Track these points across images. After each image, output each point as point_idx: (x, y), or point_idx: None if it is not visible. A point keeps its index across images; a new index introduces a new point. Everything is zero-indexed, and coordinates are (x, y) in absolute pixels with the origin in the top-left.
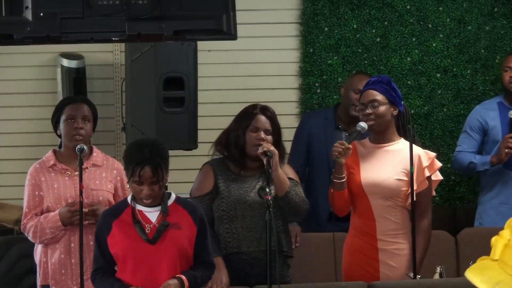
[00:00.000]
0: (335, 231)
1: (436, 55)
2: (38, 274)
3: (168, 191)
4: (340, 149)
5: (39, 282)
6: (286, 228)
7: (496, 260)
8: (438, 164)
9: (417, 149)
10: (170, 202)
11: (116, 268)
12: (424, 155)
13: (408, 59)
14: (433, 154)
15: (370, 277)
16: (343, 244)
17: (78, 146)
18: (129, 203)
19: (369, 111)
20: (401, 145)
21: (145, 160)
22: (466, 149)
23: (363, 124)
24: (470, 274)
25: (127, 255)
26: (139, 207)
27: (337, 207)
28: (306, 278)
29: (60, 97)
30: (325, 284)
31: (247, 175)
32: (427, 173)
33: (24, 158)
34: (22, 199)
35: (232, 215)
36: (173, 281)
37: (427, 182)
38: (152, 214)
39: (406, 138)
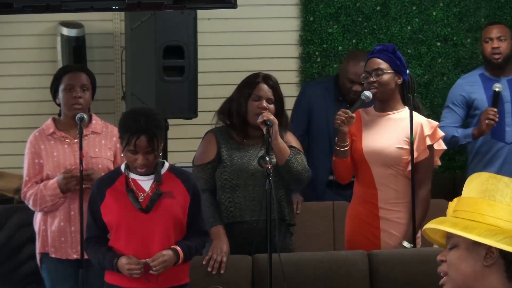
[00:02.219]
0: (336, 199)
1: (436, 24)
2: (37, 241)
3: (161, 159)
4: (343, 118)
5: (38, 249)
6: (288, 197)
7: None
8: (441, 133)
9: (419, 118)
10: (163, 170)
11: (109, 237)
12: (427, 124)
13: (409, 27)
14: (436, 123)
15: (371, 245)
16: (343, 212)
17: (78, 115)
18: (123, 171)
19: (373, 79)
20: (405, 113)
21: (141, 129)
22: (449, 123)
23: (367, 93)
24: (432, 224)
25: (120, 224)
26: (132, 175)
27: (339, 175)
28: (305, 247)
29: (60, 66)
30: (324, 253)
31: (250, 144)
32: (428, 142)
33: (24, 127)
34: (22, 168)
35: (234, 184)
36: (168, 252)
37: (428, 151)
38: (146, 183)
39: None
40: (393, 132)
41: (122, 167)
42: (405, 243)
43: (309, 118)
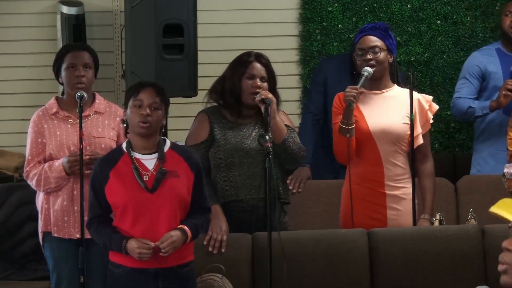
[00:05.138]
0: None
1: (436, 1)
2: (39, 220)
3: (163, 137)
4: (355, 93)
5: (40, 228)
6: (283, 175)
7: None
8: (436, 106)
9: (415, 94)
10: (166, 148)
11: (112, 217)
12: (423, 98)
13: (409, 5)
14: (430, 97)
15: (378, 224)
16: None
17: (78, 93)
18: (125, 150)
19: (369, 56)
20: (397, 91)
21: (147, 83)
22: (464, 95)
23: (369, 69)
24: (496, 208)
25: (127, 205)
26: (135, 154)
27: (343, 154)
28: (303, 225)
29: (59, 44)
30: (324, 231)
31: (243, 123)
32: (430, 115)
33: (24, 105)
34: (22, 146)
35: (229, 163)
36: (176, 233)
37: (429, 124)
38: (149, 162)
39: (398, 85)
40: (394, 109)
41: (124, 146)
42: (430, 219)
43: (325, 93)
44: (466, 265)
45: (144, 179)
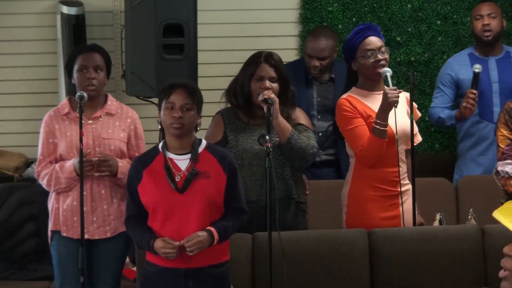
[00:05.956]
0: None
1: (436, 2)
2: (50, 219)
3: (199, 138)
4: (397, 94)
5: (50, 227)
6: (295, 174)
7: None
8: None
9: (399, 91)
10: (200, 149)
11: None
12: (407, 95)
13: (409, 6)
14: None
15: (392, 223)
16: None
17: (78, 93)
18: (160, 150)
19: (380, 57)
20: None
21: (179, 83)
22: (438, 104)
23: (388, 69)
24: (499, 214)
25: (157, 205)
26: (169, 155)
27: (377, 155)
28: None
29: (59, 44)
30: (325, 231)
31: (256, 124)
32: (418, 113)
33: (24, 105)
34: (23, 146)
35: (239, 165)
36: (202, 233)
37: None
38: (182, 162)
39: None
40: (400, 108)
41: (160, 146)
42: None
43: None
44: (466, 265)
45: (176, 180)
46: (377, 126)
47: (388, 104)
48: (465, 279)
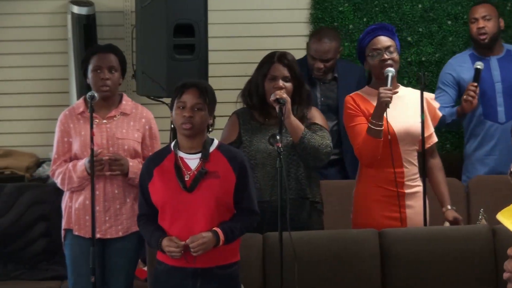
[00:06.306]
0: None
1: (447, 2)
2: (63, 217)
3: (212, 137)
4: (390, 94)
5: (63, 226)
6: (309, 174)
7: None
8: (437, 103)
9: (421, 93)
10: (212, 148)
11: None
12: (429, 96)
13: (420, 6)
14: (432, 95)
15: (396, 224)
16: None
17: (89, 93)
18: (172, 149)
19: (386, 56)
20: (404, 90)
21: (192, 83)
22: (440, 104)
23: (392, 69)
24: (502, 217)
25: (166, 203)
26: (180, 154)
27: (373, 155)
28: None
29: (70, 44)
30: (335, 231)
31: (271, 124)
32: (439, 113)
33: (35, 105)
34: (33, 146)
35: (252, 165)
36: (207, 234)
37: (436, 121)
38: (192, 161)
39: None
40: (408, 109)
41: (172, 145)
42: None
43: None
44: (477, 265)
45: (186, 179)
46: (372, 126)
47: (380, 104)
48: (476, 279)
